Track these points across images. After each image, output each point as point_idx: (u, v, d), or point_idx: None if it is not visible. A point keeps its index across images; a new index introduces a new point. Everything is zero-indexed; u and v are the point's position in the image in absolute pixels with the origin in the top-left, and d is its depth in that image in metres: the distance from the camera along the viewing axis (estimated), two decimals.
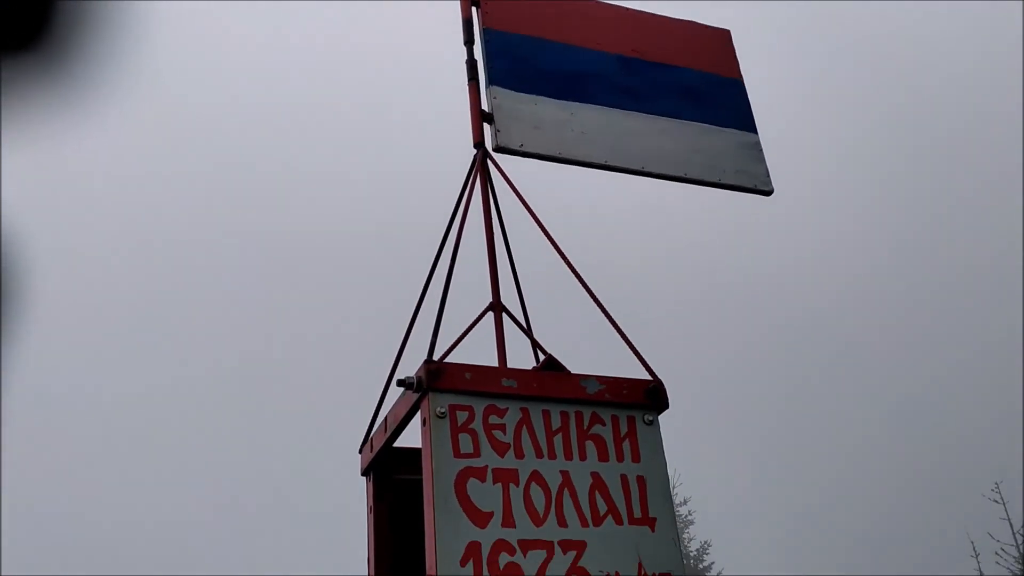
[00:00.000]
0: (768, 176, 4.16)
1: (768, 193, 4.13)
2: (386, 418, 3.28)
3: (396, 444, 3.37)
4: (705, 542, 30.74)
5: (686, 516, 31.71)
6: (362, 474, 3.50)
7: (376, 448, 3.34)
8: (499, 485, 2.73)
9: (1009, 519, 26.81)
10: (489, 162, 3.70)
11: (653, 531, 2.84)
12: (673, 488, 31.18)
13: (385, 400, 3.40)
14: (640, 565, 2.76)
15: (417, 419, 2.92)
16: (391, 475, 3.43)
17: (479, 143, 3.73)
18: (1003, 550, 27.92)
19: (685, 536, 31.33)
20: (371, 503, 3.40)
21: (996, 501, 27.47)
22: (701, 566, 30.53)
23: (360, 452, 3.52)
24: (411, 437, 3.21)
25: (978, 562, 28.24)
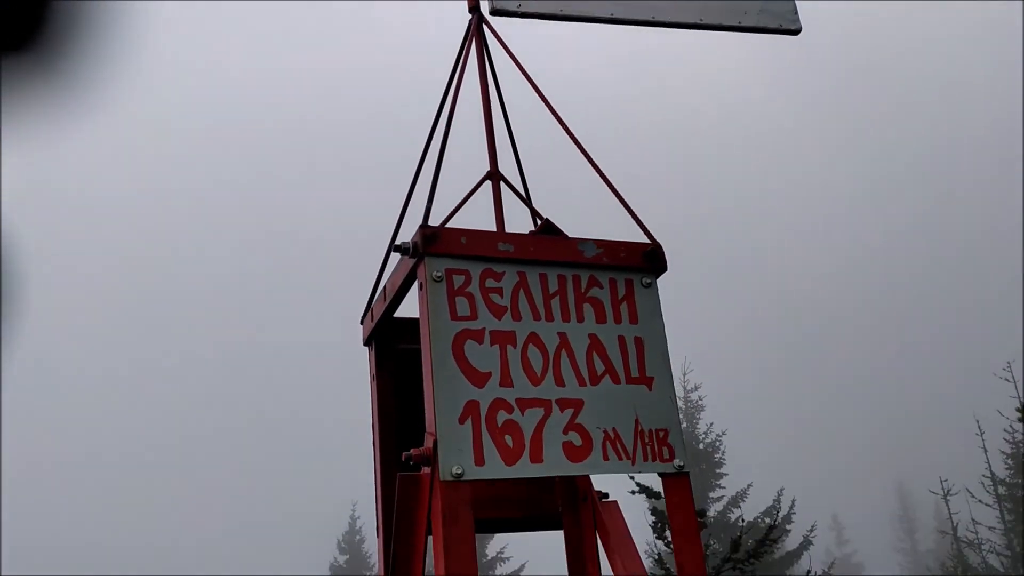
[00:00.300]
0: (795, 13, 3.81)
1: (795, 32, 3.79)
2: (384, 287, 3.29)
3: (397, 315, 3.40)
4: (710, 425, 31.28)
5: (696, 402, 32.26)
6: (364, 344, 3.54)
7: (376, 317, 3.36)
8: (496, 347, 2.75)
9: (1019, 397, 27.17)
10: (485, 28, 3.60)
11: (650, 390, 2.87)
12: (684, 376, 31.75)
13: (385, 270, 3.41)
14: (637, 422, 2.81)
15: (415, 286, 2.92)
16: (392, 344, 3.47)
17: (474, 7, 3.62)
18: (1011, 427, 28.42)
19: (695, 421, 31.94)
20: (373, 372, 3.45)
21: (1007, 380, 27.79)
22: (710, 449, 31.21)
23: (362, 323, 3.55)
24: (411, 308, 3.23)
25: (983, 440, 28.79)
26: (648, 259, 3.04)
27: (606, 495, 3.39)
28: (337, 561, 39.41)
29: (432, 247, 2.79)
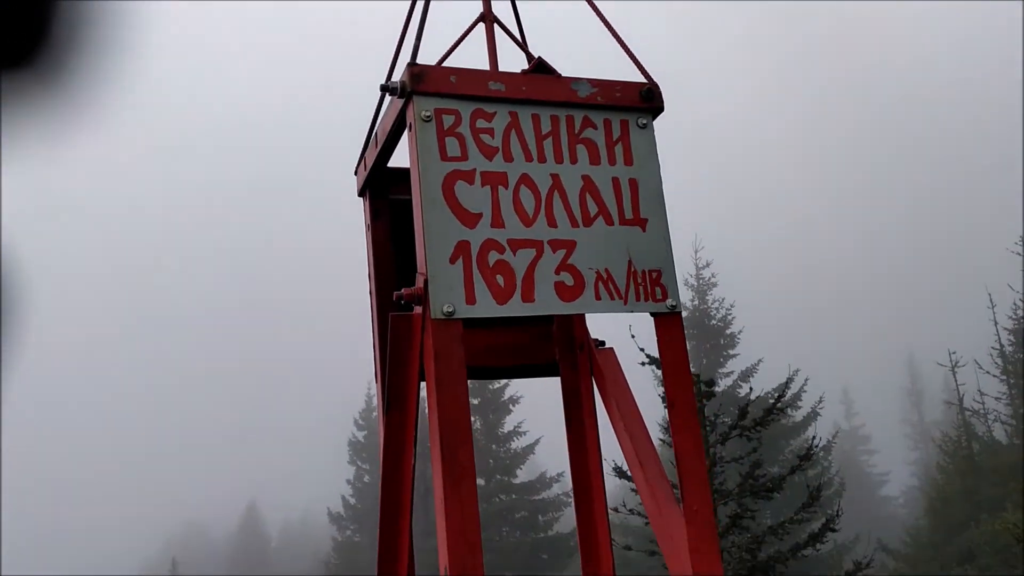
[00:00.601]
0: None
1: None
2: (376, 133, 3.23)
3: (392, 165, 3.35)
4: (721, 301, 31.44)
5: (709, 279, 32.37)
6: (359, 195, 3.50)
7: (369, 166, 3.31)
8: (487, 188, 2.71)
9: None
10: None
11: (644, 231, 2.84)
12: (696, 253, 31.73)
13: (378, 119, 3.33)
14: (630, 263, 2.78)
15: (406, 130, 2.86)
16: (387, 195, 3.43)
17: None
18: (1016, 303, 28.45)
19: (707, 298, 32.11)
20: (368, 221, 3.42)
21: (1018, 254, 27.66)
22: (721, 325, 31.49)
23: (356, 173, 3.50)
24: (406, 158, 3.17)
25: (993, 312, 28.91)
26: (644, 99, 2.95)
27: (602, 343, 3.40)
28: (355, 437, 40.65)
29: (420, 86, 2.71)
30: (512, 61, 3.49)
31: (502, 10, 3.53)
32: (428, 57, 3.00)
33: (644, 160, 2.91)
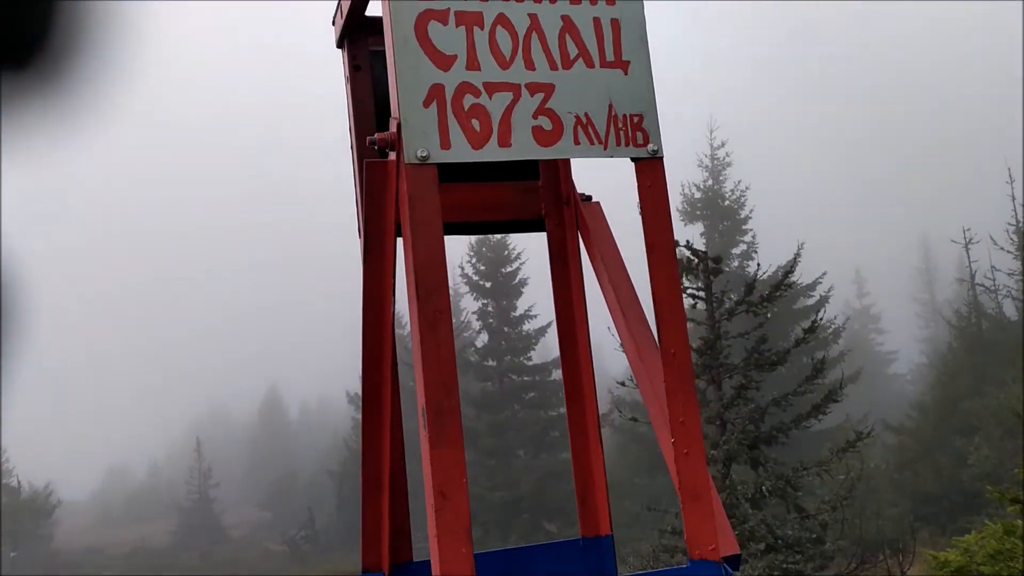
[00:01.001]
0: None
1: None
2: None
3: (370, 14, 3.24)
4: (737, 183, 31.12)
5: (723, 159, 31.95)
6: (337, 46, 3.40)
7: (346, 12, 3.20)
8: (462, 28, 2.61)
9: None
10: None
11: (626, 74, 2.75)
12: (711, 132, 31.20)
13: None
14: (611, 106, 2.70)
15: None
16: (366, 45, 3.33)
17: None
18: None
19: (722, 178, 31.76)
20: (347, 73, 3.34)
21: None
22: (735, 206, 31.25)
23: (333, 23, 3.39)
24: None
25: (1012, 187, 28.51)
26: None
27: (588, 197, 3.36)
28: None
29: None
30: None
31: None
32: None
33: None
